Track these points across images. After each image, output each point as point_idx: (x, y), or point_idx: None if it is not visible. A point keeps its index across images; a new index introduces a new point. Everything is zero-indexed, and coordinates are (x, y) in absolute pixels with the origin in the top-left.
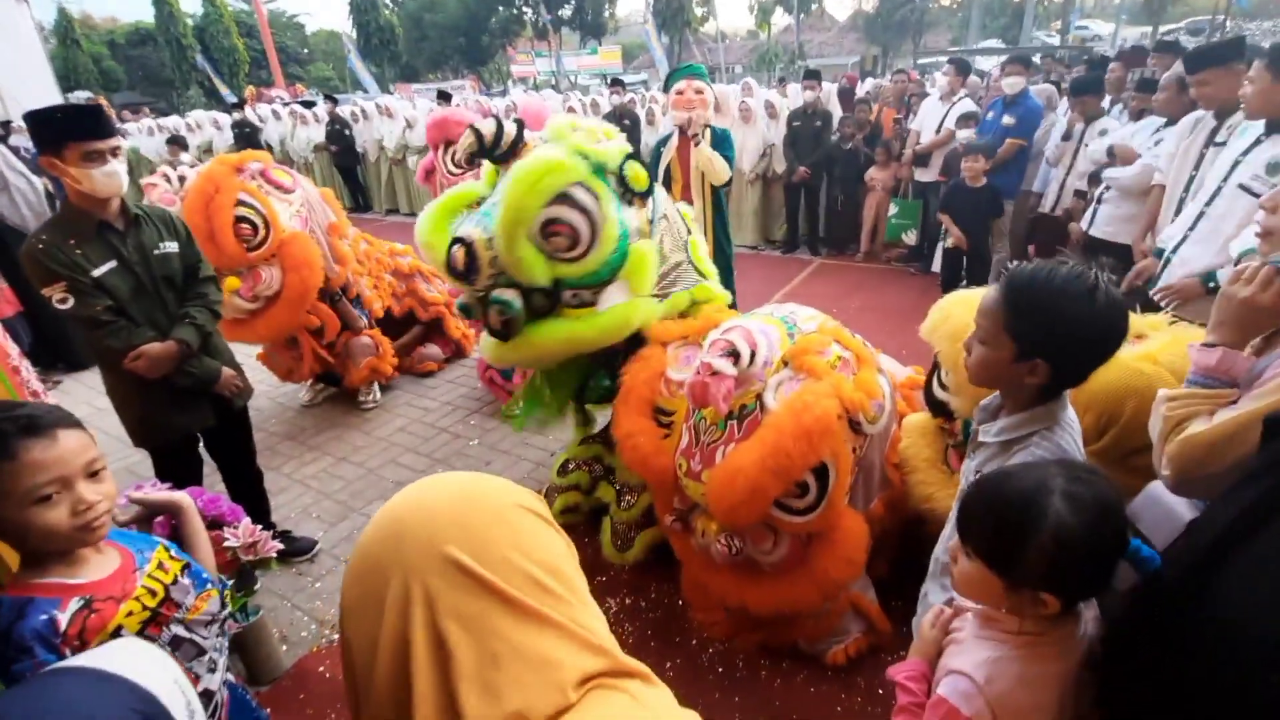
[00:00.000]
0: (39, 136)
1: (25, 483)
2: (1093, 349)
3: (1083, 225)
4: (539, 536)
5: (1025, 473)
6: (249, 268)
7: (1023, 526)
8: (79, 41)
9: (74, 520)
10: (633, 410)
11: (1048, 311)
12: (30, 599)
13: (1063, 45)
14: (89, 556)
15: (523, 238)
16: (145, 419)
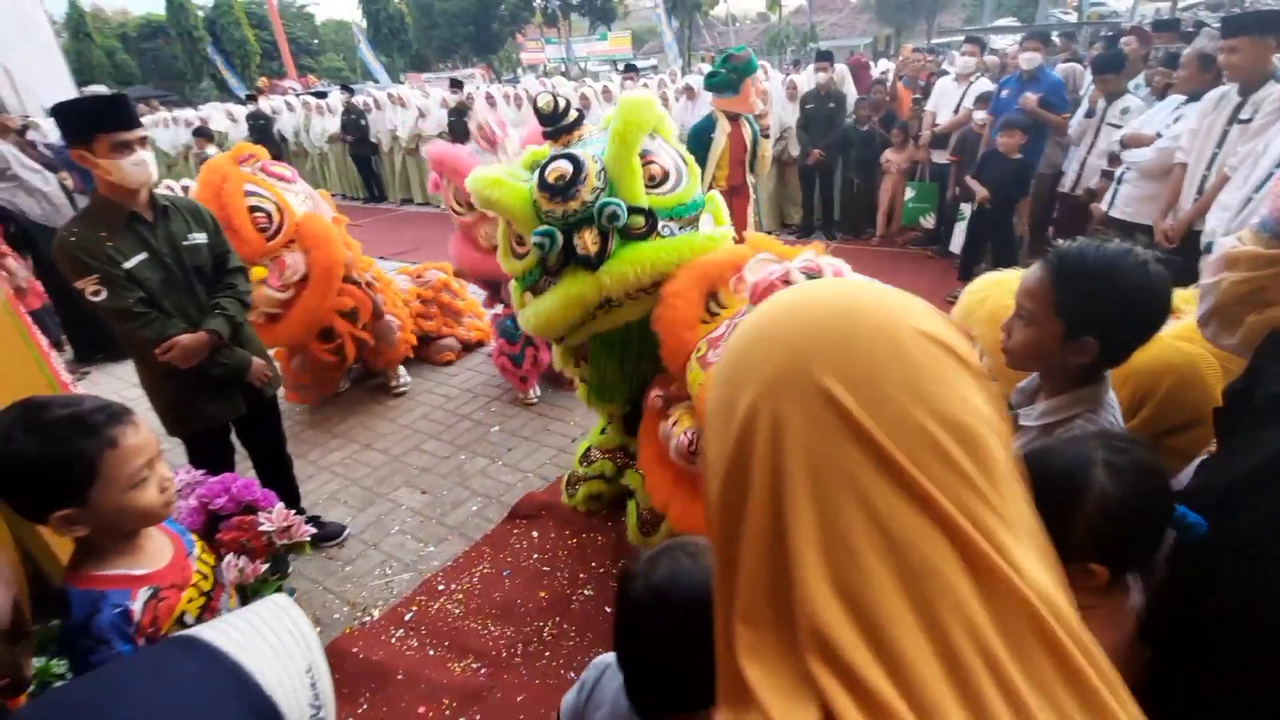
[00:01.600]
0: (68, 129)
1: (128, 467)
2: (1143, 324)
3: (1103, 206)
4: (950, 382)
5: (1065, 447)
6: (272, 258)
7: (1067, 500)
8: (91, 35)
9: (162, 498)
10: (694, 282)
11: (1102, 286)
12: (102, 592)
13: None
14: (145, 545)
15: (634, 150)
16: (179, 408)
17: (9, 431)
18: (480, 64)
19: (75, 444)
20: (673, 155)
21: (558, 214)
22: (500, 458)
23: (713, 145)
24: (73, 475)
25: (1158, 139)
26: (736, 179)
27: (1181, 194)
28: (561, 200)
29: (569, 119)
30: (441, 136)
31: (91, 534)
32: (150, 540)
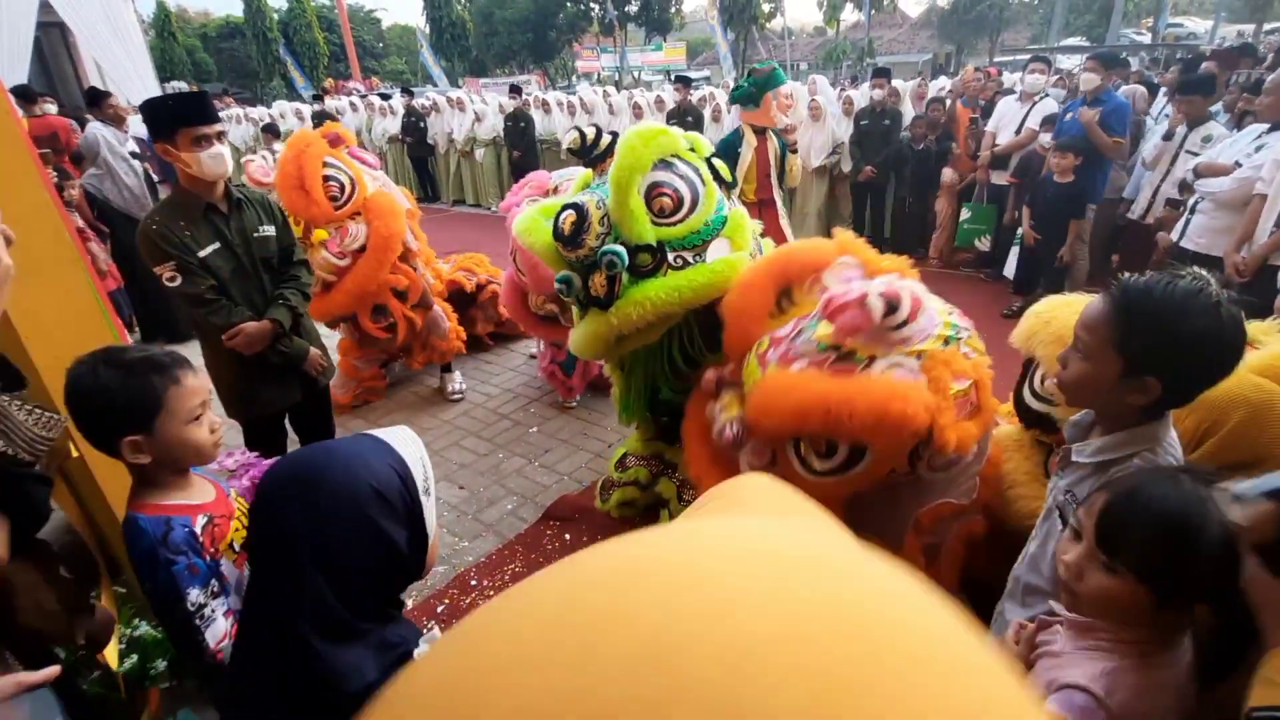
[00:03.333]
0: (153, 124)
1: (188, 403)
2: (1210, 368)
3: (1173, 236)
4: None
5: (1161, 482)
6: (336, 226)
7: (1189, 539)
8: (175, 35)
9: (213, 438)
10: (771, 275)
11: (1167, 327)
12: (168, 517)
13: (1154, 44)
14: (194, 482)
15: (635, 190)
16: (240, 392)
17: (94, 367)
18: (536, 71)
19: (149, 377)
20: (689, 178)
21: (572, 259)
22: (537, 459)
23: (740, 159)
24: (145, 403)
25: (1236, 168)
26: (765, 193)
27: (1259, 227)
28: (571, 248)
29: (600, 148)
30: (495, 141)
31: (151, 466)
32: (197, 480)
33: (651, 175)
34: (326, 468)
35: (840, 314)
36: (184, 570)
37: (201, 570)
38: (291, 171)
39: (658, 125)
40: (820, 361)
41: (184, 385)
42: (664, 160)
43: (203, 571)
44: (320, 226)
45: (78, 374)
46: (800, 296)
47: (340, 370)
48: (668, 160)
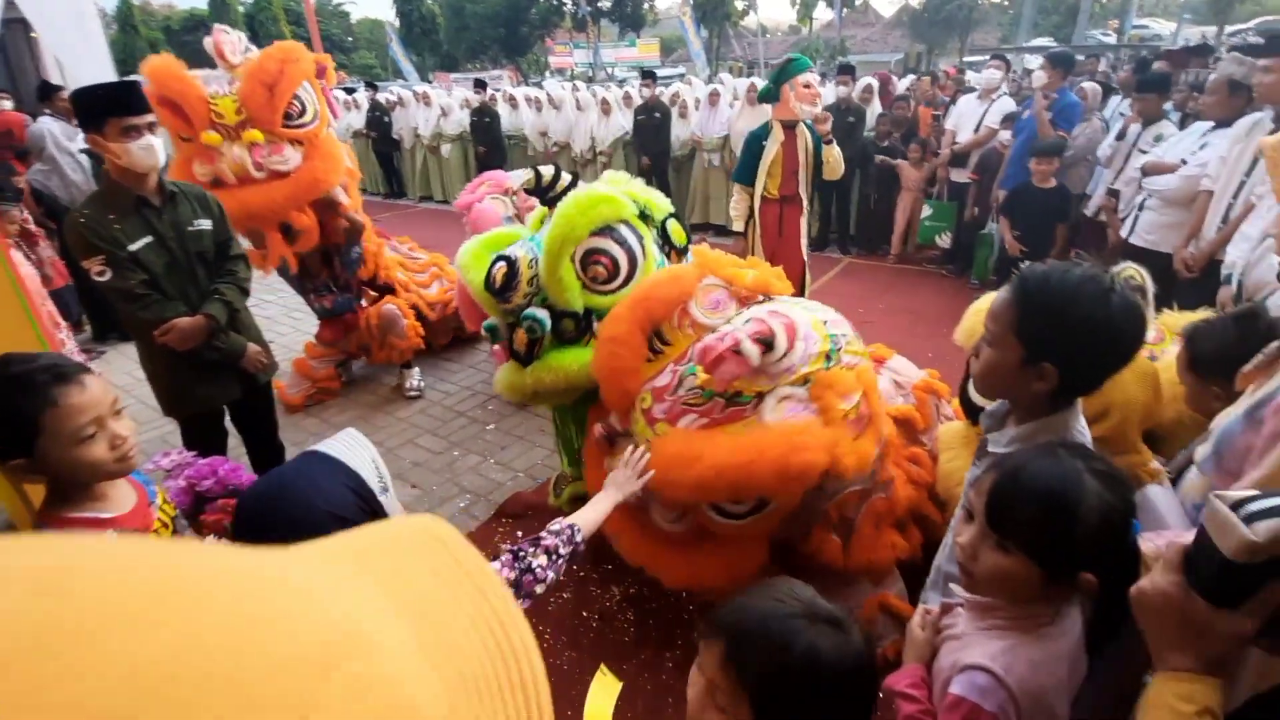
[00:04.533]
0: (83, 114)
1: (70, 425)
2: (1105, 353)
3: (1123, 233)
4: None
5: (1044, 464)
6: (274, 140)
7: (1068, 512)
8: (137, 28)
9: (114, 454)
10: (635, 319)
11: (1059, 313)
12: (73, 531)
13: (1120, 44)
14: (110, 491)
15: (566, 258)
16: (174, 390)
17: None
18: (509, 66)
19: (14, 402)
20: (629, 247)
21: (500, 310)
22: (493, 456)
23: (764, 153)
24: (14, 431)
25: (1182, 165)
26: (789, 189)
27: (1206, 222)
28: (501, 299)
29: (558, 189)
30: (462, 137)
31: (56, 481)
32: (115, 489)
33: (589, 241)
34: (283, 510)
35: (717, 366)
36: None
37: None
38: (270, 69)
39: (603, 191)
40: (708, 411)
41: (65, 405)
42: (607, 226)
43: None
44: (260, 129)
45: None
46: (673, 334)
47: (295, 370)
48: (611, 225)
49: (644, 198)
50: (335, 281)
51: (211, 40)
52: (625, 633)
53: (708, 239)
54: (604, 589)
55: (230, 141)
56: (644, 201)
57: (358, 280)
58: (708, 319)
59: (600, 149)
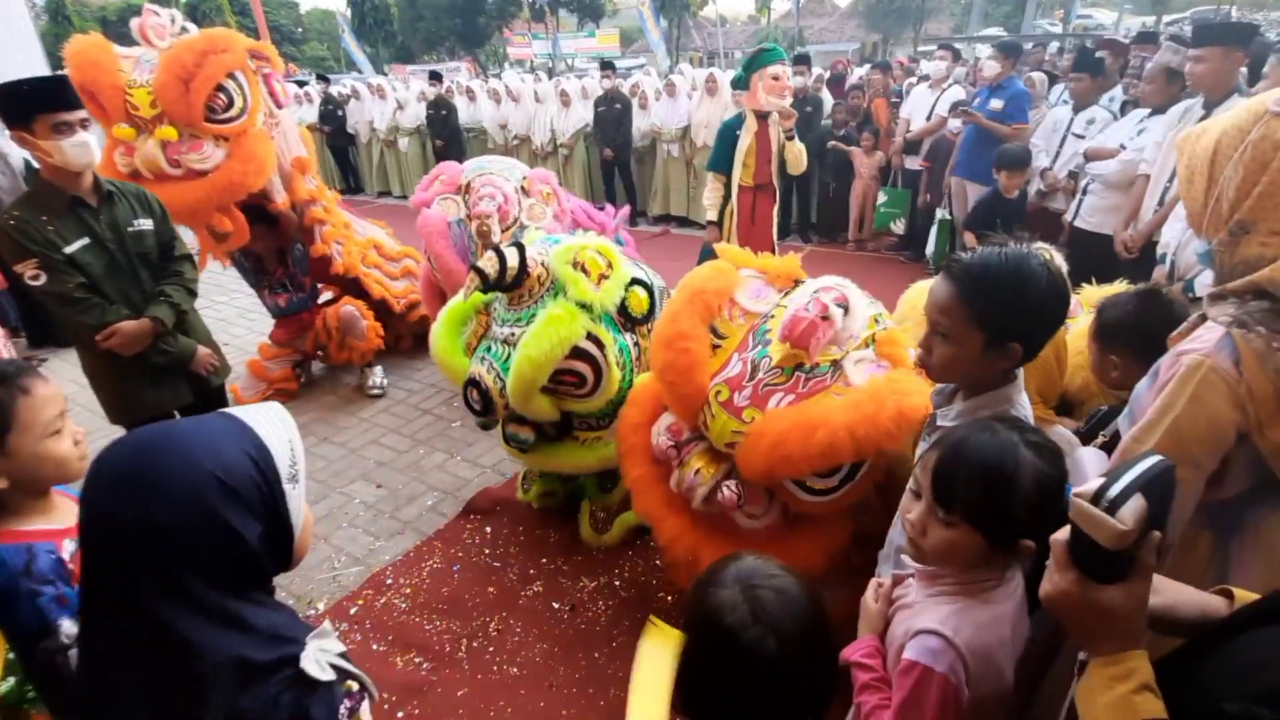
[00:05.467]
0: (7, 111)
1: (43, 415)
2: (1051, 320)
3: (1067, 216)
4: None
5: (981, 436)
6: (192, 135)
7: (1005, 484)
8: (71, 19)
9: (77, 450)
10: (696, 315)
11: (1016, 294)
12: (30, 544)
13: (1065, 34)
14: (58, 504)
15: (535, 393)
16: (120, 396)
17: None
18: (466, 57)
19: None
20: (591, 358)
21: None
22: (460, 453)
23: (739, 142)
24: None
25: (1121, 151)
26: (763, 178)
27: (1143, 205)
28: (483, 416)
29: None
30: (419, 130)
31: (9, 490)
32: (60, 501)
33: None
34: (163, 454)
35: (811, 333)
36: (52, 602)
37: (72, 600)
38: (187, 61)
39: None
40: (792, 387)
41: (35, 395)
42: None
43: (73, 601)
44: (177, 124)
45: None
46: (726, 327)
47: (249, 371)
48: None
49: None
50: (290, 280)
51: (137, 23)
52: (597, 622)
53: (671, 229)
54: (574, 580)
55: (145, 135)
56: (598, 303)
57: (310, 280)
58: (756, 306)
59: (561, 141)
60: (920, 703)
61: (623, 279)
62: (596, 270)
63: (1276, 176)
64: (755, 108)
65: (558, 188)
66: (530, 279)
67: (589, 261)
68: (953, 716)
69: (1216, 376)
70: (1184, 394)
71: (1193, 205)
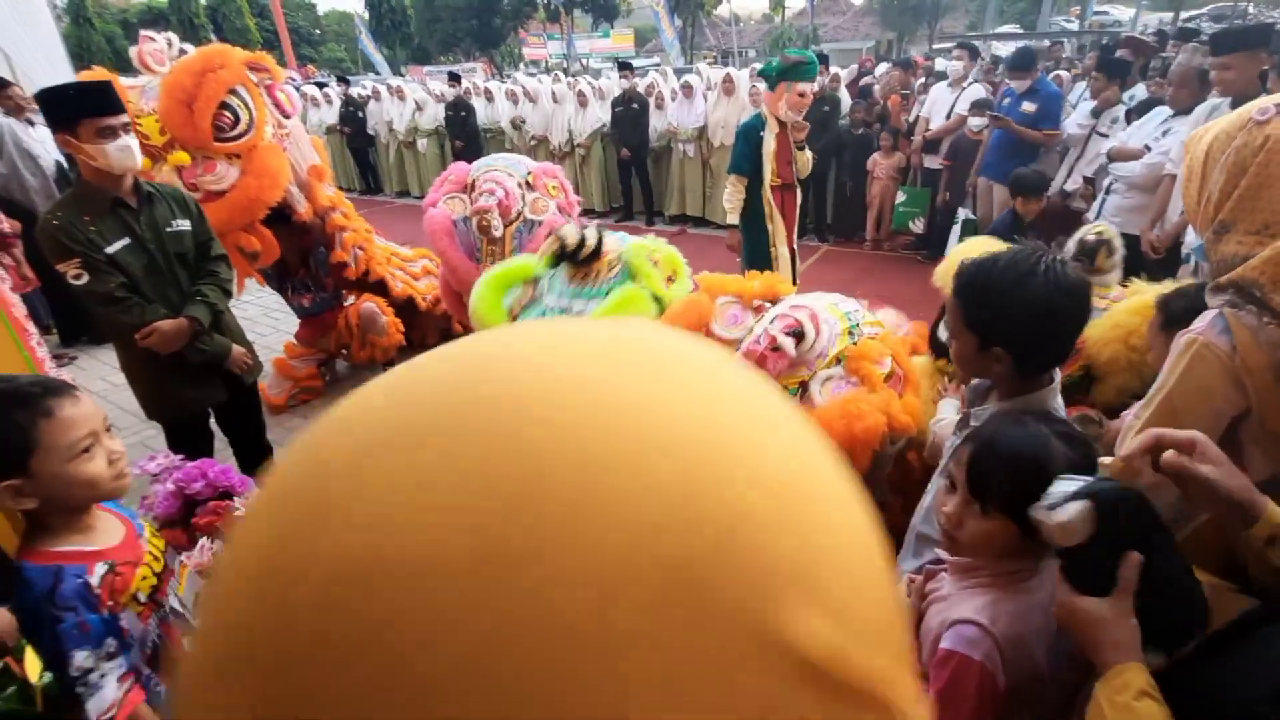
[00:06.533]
0: (52, 115)
1: (68, 437)
2: (1043, 330)
3: (1090, 215)
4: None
5: (1012, 430)
6: (205, 156)
7: (1038, 475)
8: (92, 20)
9: (111, 470)
10: None
11: (993, 298)
12: (59, 566)
13: (1082, 30)
14: (96, 524)
15: None
16: (158, 394)
17: None
18: (482, 58)
19: (9, 415)
20: None
21: None
22: None
23: (763, 144)
24: (10, 445)
25: (1145, 152)
26: (787, 177)
27: (1170, 205)
28: None
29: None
30: (438, 131)
31: (42, 509)
32: (101, 520)
33: None
34: None
35: (760, 367)
36: (72, 629)
37: (94, 628)
38: (186, 84)
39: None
40: None
41: (59, 416)
42: None
43: (95, 629)
44: (187, 149)
45: None
46: None
47: (275, 370)
48: None
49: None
50: (313, 280)
51: (136, 50)
52: None
53: (687, 229)
54: None
55: (160, 163)
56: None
57: (333, 280)
58: (731, 334)
59: (578, 141)
60: (959, 690)
61: (686, 287)
62: (666, 270)
63: (1254, 180)
64: (772, 111)
65: (565, 181)
66: (601, 261)
67: (662, 260)
68: (990, 703)
69: (1209, 352)
70: (1177, 369)
71: (1189, 202)
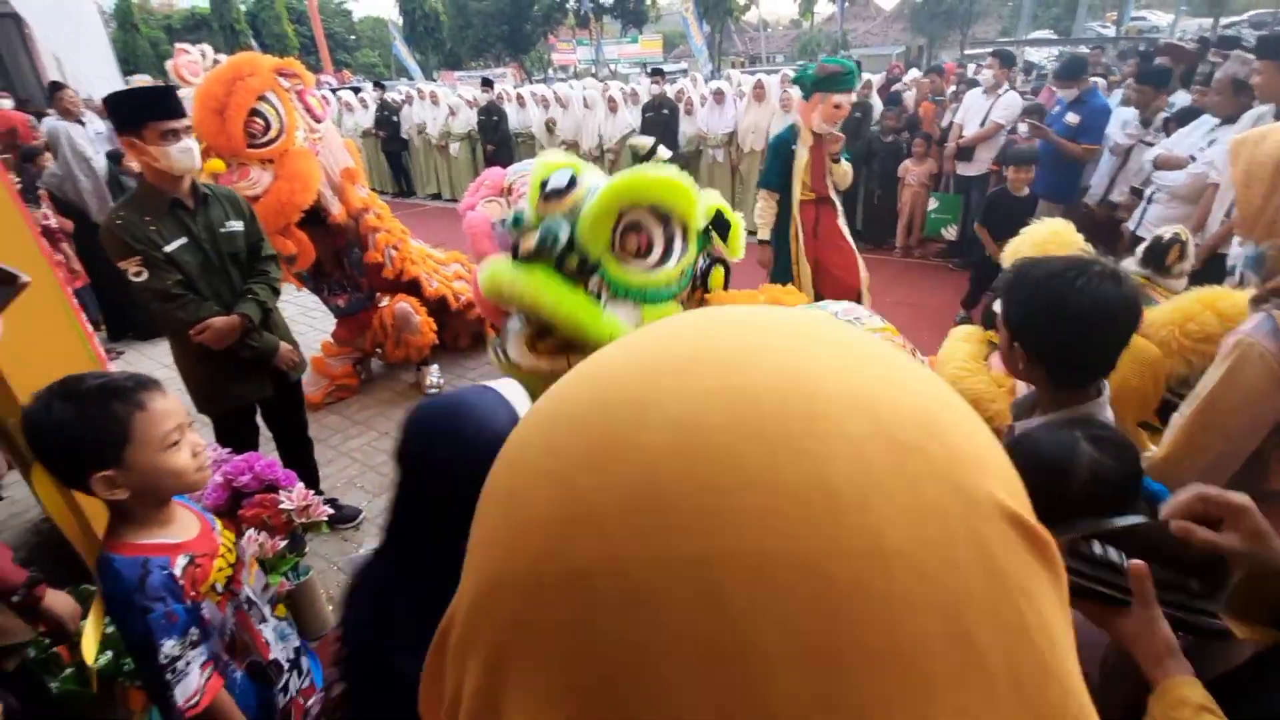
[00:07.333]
0: (119, 118)
1: (159, 429)
2: (1070, 342)
3: (1130, 224)
4: None
5: (1046, 434)
6: (239, 163)
7: (1058, 473)
8: (138, 26)
9: (195, 462)
10: None
11: (1025, 300)
12: (146, 558)
13: (1119, 36)
14: (175, 517)
15: (613, 215)
16: (209, 388)
17: (49, 402)
18: (512, 64)
19: (109, 407)
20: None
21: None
22: None
23: (795, 157)
24: (109, 436)
25: (1190, 161)
26: (822, 190)
27: (1211, 215)
28: (545, 199)
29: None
30: (470, 135)
31: (129, 501)
32: (179, 514)
33: (642, 214)
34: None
35: None
36: (160, 619)
37: (180, 618)
38: (217, 93)
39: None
40: None
41: (151, 410)
42: (667, 213)
43: (181, 619)
44: (222, 157)
45: (32, 412)
46: None
47: (312, 368)
48: (670, 215)
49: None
50: (348, 281)
51: (172, 64)
52: None
53: None
54: None
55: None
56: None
57: (368, 280)
58: None
59: (607, 146)
60: None
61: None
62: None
63: None
64: (805, 121)
65: None
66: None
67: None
68: None
69: (1253, 353)
70: (1221, 369)
71: (1247, 209)
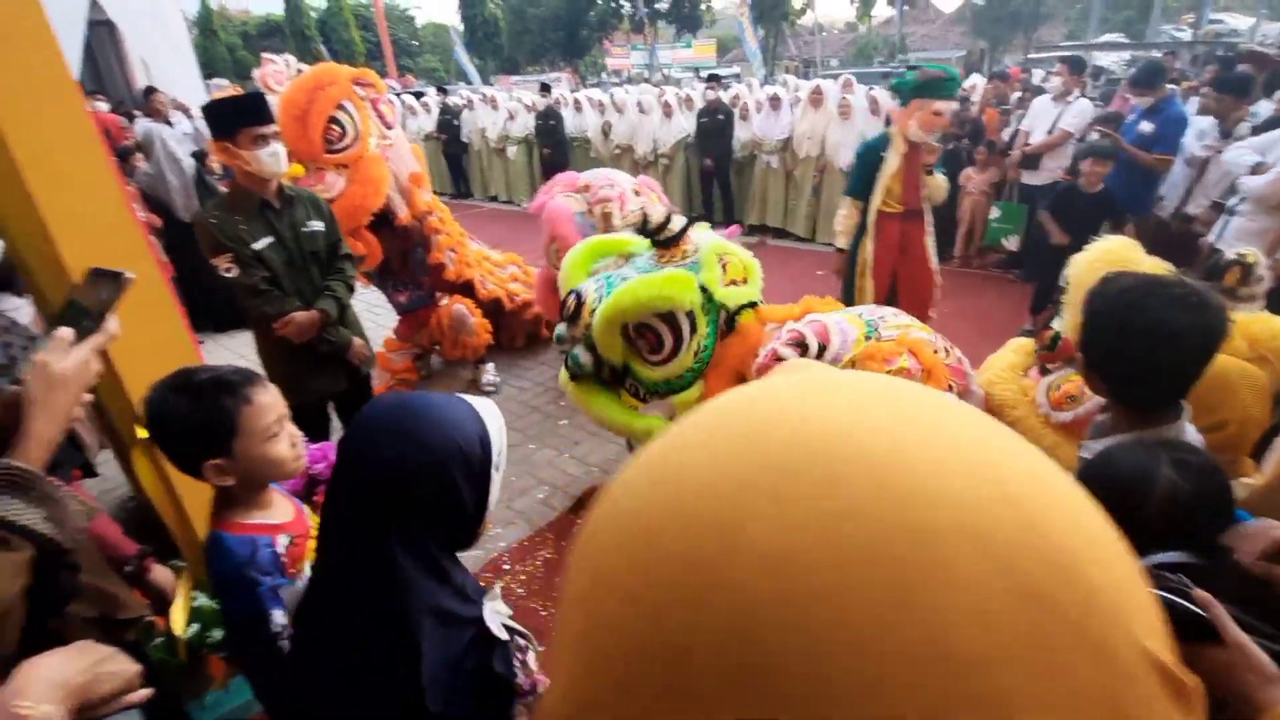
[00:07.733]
0: (216, 124)
1: (263, 421)
2: (1136, 355)
3: (1211, 239)
4: None
5: (1126, 454)
6: (316, 168)
7: (1136, 495)
8: (217, 32)
9: (293, 452)
10: (723, 377)
11: (1097, 319)
12: (253, 537)
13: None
14: (274, 500)
15: (619, 327)
16: (289, 379)
17: (164, 395)
18: (567, 68)
19: (219, 401)
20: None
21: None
22: (568, 450)
23: (884, 165)
24: (219, 428)
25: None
26: (912, 203)
27: None
28: (567, 323)
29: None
30: (527, 139)
31: (235, 486)
32: (276, 498)
33: (647, 317)
34: (423, 417)
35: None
36: (268, 591)
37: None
38: (300, 100)
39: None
40: None
41: (256, 404)
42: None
43: (287, 594)
44: (301, 161)
45: (152, 402)
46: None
47: (375, 362)
48: (672, 313)
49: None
50: (410, 279)
51: (259, 72)
52: None
53: (767, 240)
54: None
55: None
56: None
57: (429, 280)
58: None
59: (661, 151)
60: None
61: (748, 295)
62: (733, 274)
63: None
64: (900, 128)
65: (662, 194)
66: (678, 248)
67: (732, 264)
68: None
69: None
70: None
71: None
